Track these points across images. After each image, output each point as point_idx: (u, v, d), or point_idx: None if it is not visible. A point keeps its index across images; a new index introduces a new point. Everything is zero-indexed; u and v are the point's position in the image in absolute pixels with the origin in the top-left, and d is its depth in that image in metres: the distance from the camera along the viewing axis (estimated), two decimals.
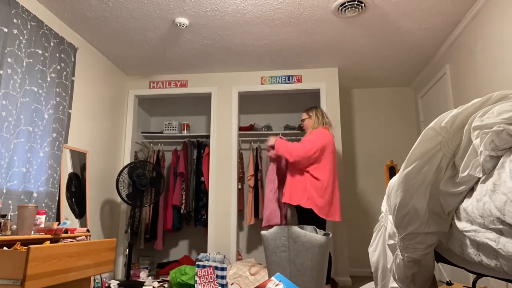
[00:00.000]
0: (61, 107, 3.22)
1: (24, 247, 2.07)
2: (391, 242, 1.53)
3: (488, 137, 1.08)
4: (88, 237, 2.84)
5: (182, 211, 4.55)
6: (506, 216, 0.95)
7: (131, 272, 3.90)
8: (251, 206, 4.52)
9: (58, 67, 3.21)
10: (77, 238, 2.68)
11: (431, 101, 4.32)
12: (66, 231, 2.64)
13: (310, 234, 2.38)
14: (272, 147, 3.39)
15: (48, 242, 2.32)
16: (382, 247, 1.85)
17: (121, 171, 3.80)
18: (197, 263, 3.47)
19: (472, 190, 1.18)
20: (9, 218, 2.26)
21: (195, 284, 3.21)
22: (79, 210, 3.44)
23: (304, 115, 3.49)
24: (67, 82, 3.32)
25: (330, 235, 2.43)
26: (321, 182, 3.12)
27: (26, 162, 2.79)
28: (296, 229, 2.41)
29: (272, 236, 2.44)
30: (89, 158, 3.76)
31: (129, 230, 4.16)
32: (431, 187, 1.25)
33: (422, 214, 1.26)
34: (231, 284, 3.36)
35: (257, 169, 4.67)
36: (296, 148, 3.18)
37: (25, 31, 2.81)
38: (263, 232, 2.51)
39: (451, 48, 3.68)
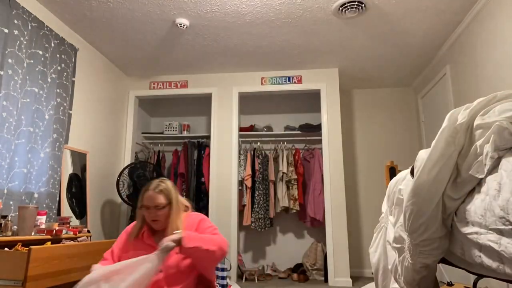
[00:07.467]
0: (61, 108, 3.22)
1: (25, 248, 2.07)
2: (398, 246, 1.50)
3: (489, 136, 1.07)
4: (89, 237, 2.84)
5: None
6: (510, 215, 0.94)
7: None
8: (248, 206, 4.50)
9: (59, 68, 3.21)
10: (78, 239, 2.67)
11: (431, 101, 4.32)
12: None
13: None
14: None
15: (49, 243, 2.33)
16: (383, 248, 1.84)
17: (122, 171, 3.80)
18: None
19: (473, 190, 1.17)
20: (10, 218, 2.26)
21: None
22: (80, 211, 3.44)
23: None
24: (67, 83, 3.32)
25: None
26: None
27: (27, 163, 2.79)
28: None
29: None
30: (90, 159, 3.76)
31: None
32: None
33: (439, 220, 1.22)
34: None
35: (254, 169, 4.65)
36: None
37: (25, 32, 2.81)
38: None
39: (451, 48, 3.68)
